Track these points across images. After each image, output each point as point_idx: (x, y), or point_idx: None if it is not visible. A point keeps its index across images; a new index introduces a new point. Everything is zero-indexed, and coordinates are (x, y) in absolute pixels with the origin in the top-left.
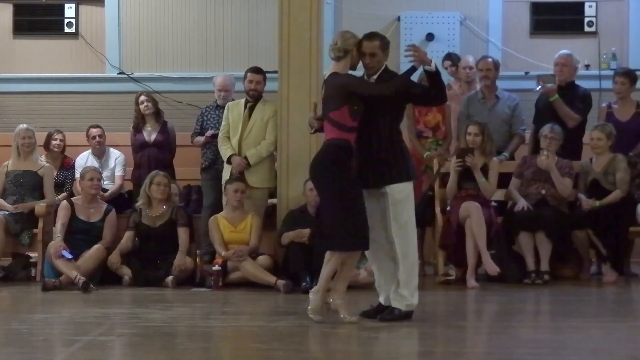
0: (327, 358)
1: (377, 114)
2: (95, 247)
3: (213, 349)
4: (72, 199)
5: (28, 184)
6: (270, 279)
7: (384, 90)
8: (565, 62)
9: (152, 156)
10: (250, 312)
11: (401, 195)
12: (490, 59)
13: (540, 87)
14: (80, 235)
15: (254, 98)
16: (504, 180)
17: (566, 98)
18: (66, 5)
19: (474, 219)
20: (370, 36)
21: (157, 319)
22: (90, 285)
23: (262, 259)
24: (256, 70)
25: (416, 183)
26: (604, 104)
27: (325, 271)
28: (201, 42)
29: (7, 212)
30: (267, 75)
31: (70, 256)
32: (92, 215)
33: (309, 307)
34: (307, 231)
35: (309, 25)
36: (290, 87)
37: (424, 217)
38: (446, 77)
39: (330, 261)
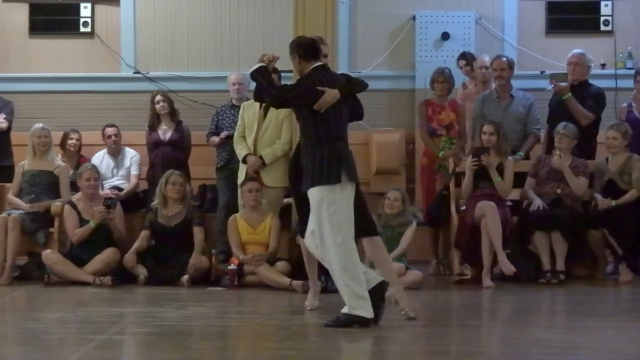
0: (341, 357)
1: (298, 120)
2: (107, 250)
3: (228, 348)
4: (73, 200)
5: (44, 183)
6: (285, 281)
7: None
8: (578, 61)
9: (167, 155)
10: (265, 311)
11: (314, 201)
12: (504, 59)
13: (552, 85)
14: (89, 235)
15: None
16: (519, 180)
17: (579, 96)
18: (82, 5)
19: (490, 219)
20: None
21: (172, 318)
22: (114, 279)
23: (280, 265)
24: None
25: (429, 182)
26: (624, 104)
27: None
28: (216, 41)
29: (23, 211)
30: (282, 74)
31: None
32: (96, 214)
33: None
34: None
35: (324, 24)
36: None
37: (438, 217)
38: (461, 77)
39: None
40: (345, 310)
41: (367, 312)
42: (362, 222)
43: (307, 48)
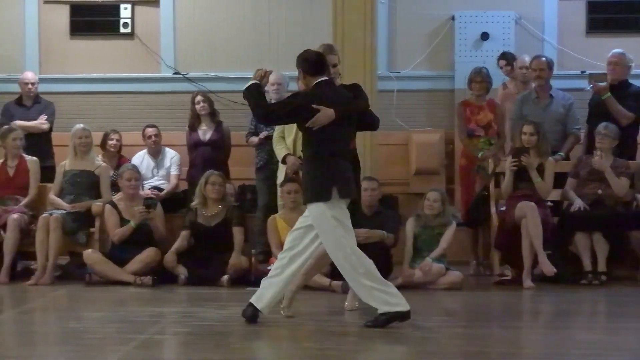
0: (379, 358)
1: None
2: (148, 249)
3: (267, 348)
4: (114, 200)
5: (85, 184)
6: (325, 281)
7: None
8: (618, 61)
9: (206, 155)
10: (304, 311)
11: (313, 217)
12: (543, 59)
13: (591, 85)
14: (129, 236)
15: None
16: (559, 180)
17: (619, 96)
18: (122, 6)
19: (530, 219)
20: None
21: (212, 318)
22: (154, 278)
23: None
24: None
25: (468, 183)
26: None
27: None
28: (255, 41)
29: (64, 211)
30: None
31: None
32: (136, 214)
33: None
34: (361, 231)
35: (362, 24)
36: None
37: (478, 217)
38: (501, 77)
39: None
40: (382, 310)
41: (403, 306)
42: None
43: (311, 63)
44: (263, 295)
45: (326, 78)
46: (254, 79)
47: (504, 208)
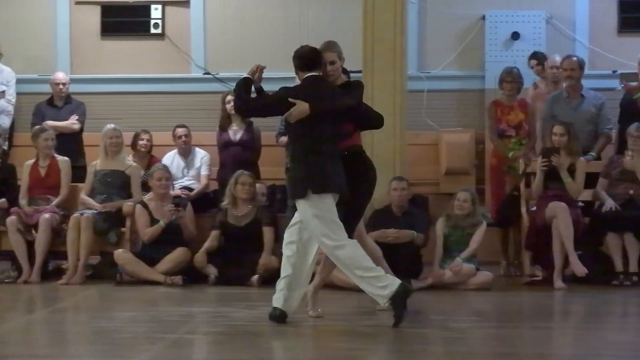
0: (409, 358)
1: None
2: (178, 249)
3: (297, 348)
4: (144, 200)
5: (115, 183)
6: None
7: None
8: None
9: (237, 155)
10: (334, 311)
11: (300, 213)
12: (574, 58)
13: (622, 85)
14: (159, 235)
15: None
16: (590, 181)
17: None
18: (152, 7)
19: (561, 220)
20: None
21: (242, 317)
22: (184, 278)
23: None
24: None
25: (498, 183)
26: None
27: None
28: (285, 41)
29: (95, 211)
30: (351, 74)
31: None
32: (166, 213)
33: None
34: (391, 231)
35: (392, 24)
36: (374, 87)
37: (508, 218)
38: (532, 77)
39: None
40: (382, 302)
41: (395, 283)
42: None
43: (302, 58)
44: (285, 297)
45: (315, 74)
46: (248, 74)
47: (534, 208)
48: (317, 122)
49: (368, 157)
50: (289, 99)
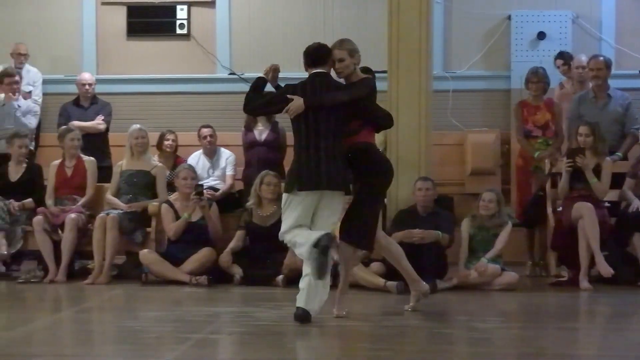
0: (434, 358)
1: None
2: (203, 249)
3: (322, 348)
4: (170, 199)
5: (141, 184)
6: (379, 281)
7: None
8: None
9: (262, 155)
10: (359, 312)
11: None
12: (601, 58)
13: None
14: (185, 235)
15: None
16: (617, 181)
17: None
18: (178, 7)
19: (587, 220)
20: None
21: (267, 317)
22: (209, 278)
23: (374, 265)
24: (365, 70)
25: (524, 183)
26: None
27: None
28: (310, 41)
29: (120, 211)
30: (376, 75)
31: None
32: (192, 214)
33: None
34: (416, 231)
35: (418, 24)
36: (399, 87)
37: (534, 218)
38: (558, 76)
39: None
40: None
41: (309, 241)
42: (351, 228)
43: (308, 55)
44: (309, 296)
45: (320, 70)
46: (263, 74)
47: (560, 209)
48: (313, 118)
49: (380, 156)
50: (287, 95)
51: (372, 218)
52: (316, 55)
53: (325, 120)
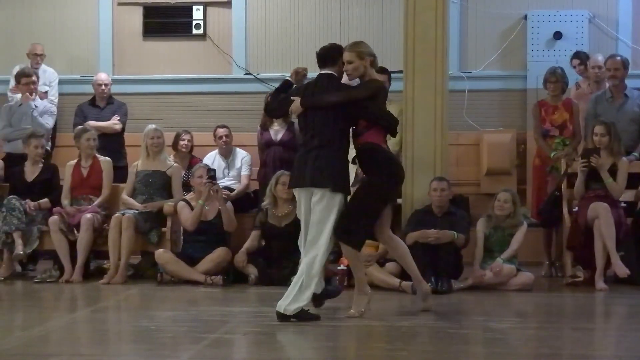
0: (450, 359)
1: None
2: (218, 249)
3: (338, 348)
4: (187, 198)
5: (157, 184)
6: (395, 281)
7: None
8: None
9: (278, 155)
10: (375, 311)
11: None
12: (618, 58)
13: None
14: (200, 235)
15: None
16: (633, 181)
17: None
18: (194, 7)
19: (603, 220)
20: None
21: None
22: (225, 278)
23: (390, 266)
24: (381, 70)
25: (541, 183)
26: None
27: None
28: (326, 41)
29: (136, 211)
30: (392, 75)
31: None
32: (208, 213)
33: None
34: (432, 231)
35: (434, 24)
36: (416, 87)
37: (550, 218)
38: (574, 76)
39: None
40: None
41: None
42: (340, 224)
43: (317, 56)
44: (289, 294)
45: (327, 71)
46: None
47: (576, 209)
48: (310, 117)
49: (386, 157)
50: (292, 97)
51: (364, 217)
52: (324, 56)
53: (321, 120)
